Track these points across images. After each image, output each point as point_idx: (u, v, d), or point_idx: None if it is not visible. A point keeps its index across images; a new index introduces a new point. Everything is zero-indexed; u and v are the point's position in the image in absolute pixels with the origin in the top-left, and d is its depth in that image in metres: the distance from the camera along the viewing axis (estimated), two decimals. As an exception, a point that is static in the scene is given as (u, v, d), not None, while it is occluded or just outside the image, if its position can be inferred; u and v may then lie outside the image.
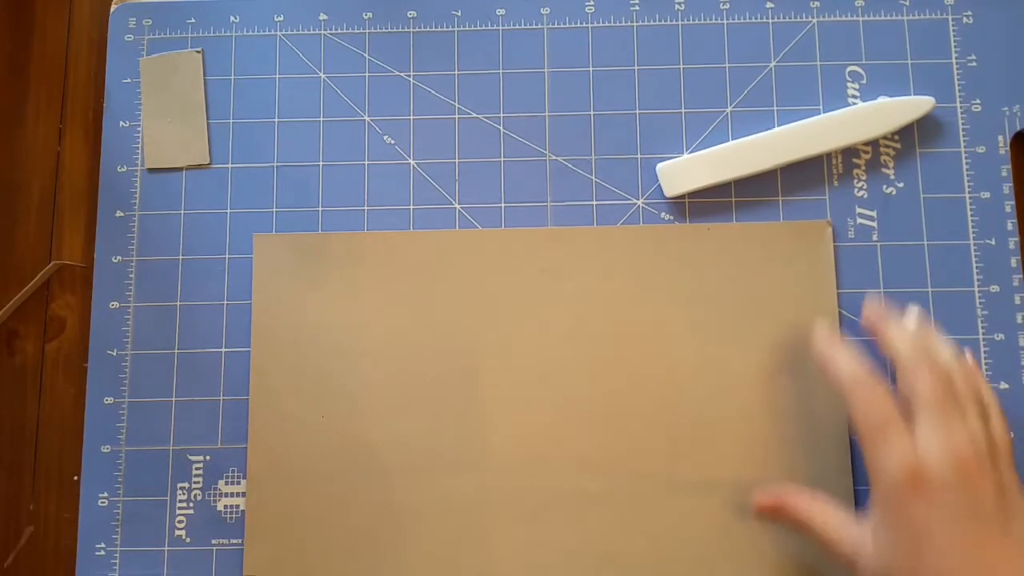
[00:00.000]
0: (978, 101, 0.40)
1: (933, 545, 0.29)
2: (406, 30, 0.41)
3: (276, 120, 0.41)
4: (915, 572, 0.29)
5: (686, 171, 0.39)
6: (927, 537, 0.29)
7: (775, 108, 0.40)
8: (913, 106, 0.39)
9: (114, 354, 0.39)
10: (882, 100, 0.40)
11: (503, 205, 0.40)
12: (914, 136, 0.40)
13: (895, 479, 0.30)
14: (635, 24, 0.41)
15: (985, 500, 0.29)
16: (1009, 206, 0.39)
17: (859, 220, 0.39)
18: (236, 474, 0.38)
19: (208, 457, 0.38)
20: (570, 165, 0.40)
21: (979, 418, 0.31)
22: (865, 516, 0.32)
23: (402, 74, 0.41)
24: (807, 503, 0.34)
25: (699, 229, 0.39)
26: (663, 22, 0.41)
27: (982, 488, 0.29)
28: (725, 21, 0.41)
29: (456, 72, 0.41)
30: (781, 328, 0.37)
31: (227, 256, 0.40)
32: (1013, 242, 0.39)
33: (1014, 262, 0.38)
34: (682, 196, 0.39)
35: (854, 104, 0.40)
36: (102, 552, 0.37)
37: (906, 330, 0.34)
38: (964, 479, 0.29)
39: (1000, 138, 0.39)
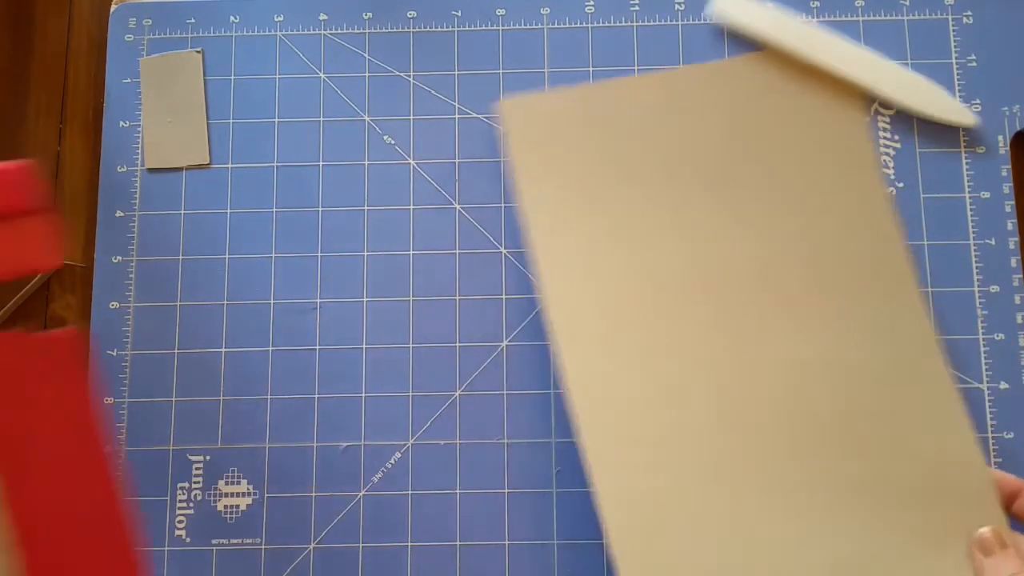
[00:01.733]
0: (978, 101, 0.40)
1: None
2: (406, 30, 0.41)
3: (276, 120, 0.41)
4: None
5: (745, 8, 0.40)
6: None
7: (775, 108, 0.40)
8: (956, 112, 0.39)
9: (114, 354, 0.39)
10: (942, 90, 0.39)
11: (503, 205, 0.40)
12: (914, 136, 0.40)
13: None
14: (635, 24, 0.41)
15: None
16: (1009, 206, 0.39)
17: (859, 220, 0.39)
18: (236, 474, 0.38)
19: (208, 457, 0.38)
20: (570, 165, 0.40)
21: None
22: None
23: (402, 74, 0.41)
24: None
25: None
26: (663, 22, 0.41)
27: None
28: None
29: (456, 72, 0.41)
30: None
31: (227, 256, 0.40)
32: (1013, 242, 0.39)
33: (1014, 262, 0.38)
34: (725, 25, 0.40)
35: None
36: (102, 552, 0.37)
37: None
38: None
39: (1000, 138, 0.39)
